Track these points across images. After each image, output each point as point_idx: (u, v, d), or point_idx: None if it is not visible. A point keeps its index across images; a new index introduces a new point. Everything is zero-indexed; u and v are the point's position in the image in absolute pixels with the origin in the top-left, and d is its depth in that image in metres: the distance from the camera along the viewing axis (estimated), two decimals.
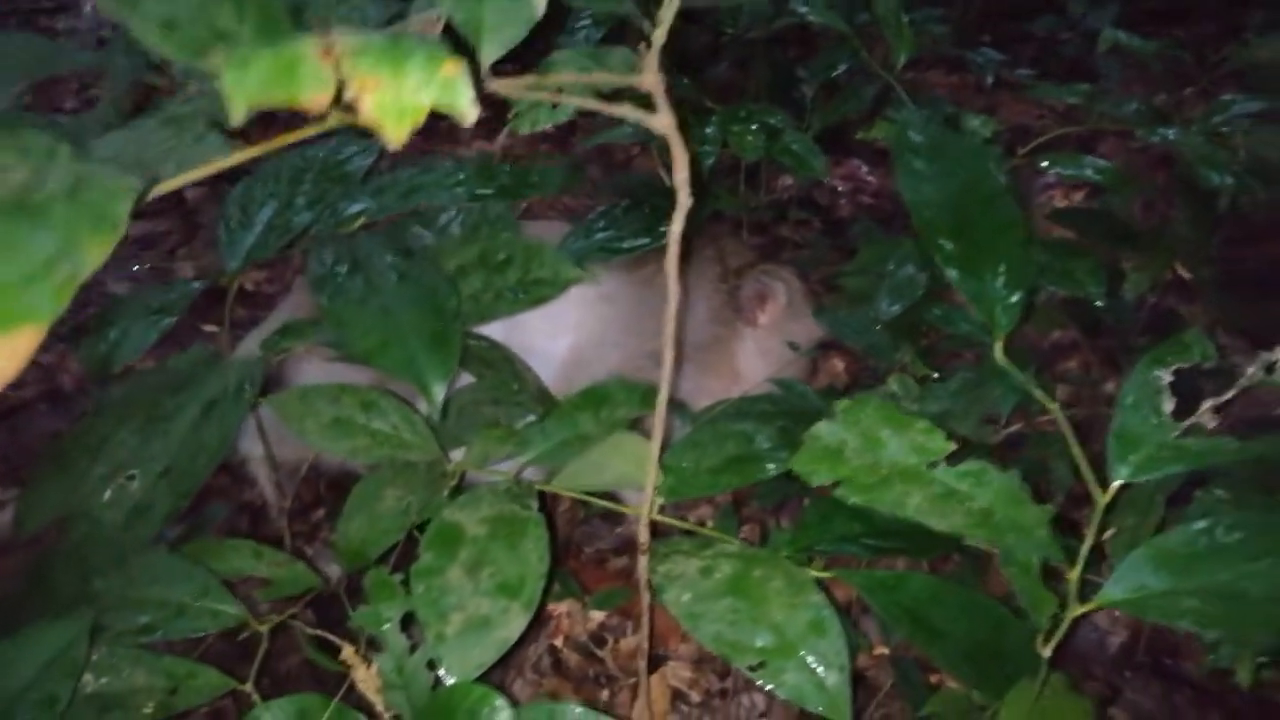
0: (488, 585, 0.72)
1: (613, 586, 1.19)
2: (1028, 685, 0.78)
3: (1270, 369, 0.71)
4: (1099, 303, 1.13)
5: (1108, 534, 0.69)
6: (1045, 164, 1.23)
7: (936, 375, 1.13)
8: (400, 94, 0.30)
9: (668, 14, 0.56)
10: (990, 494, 0.66)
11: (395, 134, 0.30)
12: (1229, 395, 0.70)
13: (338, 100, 0.30)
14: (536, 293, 0.91)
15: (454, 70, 0.30)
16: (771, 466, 0.89)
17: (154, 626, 0.73)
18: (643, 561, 0.80)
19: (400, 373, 0.76)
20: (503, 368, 1.08)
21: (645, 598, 0.83)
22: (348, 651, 0.70)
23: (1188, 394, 0.73)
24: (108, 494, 0.80)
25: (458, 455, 0.95)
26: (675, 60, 1.58)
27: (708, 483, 0.87)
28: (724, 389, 1.37)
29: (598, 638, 1.15)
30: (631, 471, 0.81)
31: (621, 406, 0.92)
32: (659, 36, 0.56)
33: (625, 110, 0.60)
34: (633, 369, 1.27)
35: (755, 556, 0.80)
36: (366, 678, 0.69)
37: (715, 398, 1.36)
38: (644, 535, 0.80)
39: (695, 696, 1.10)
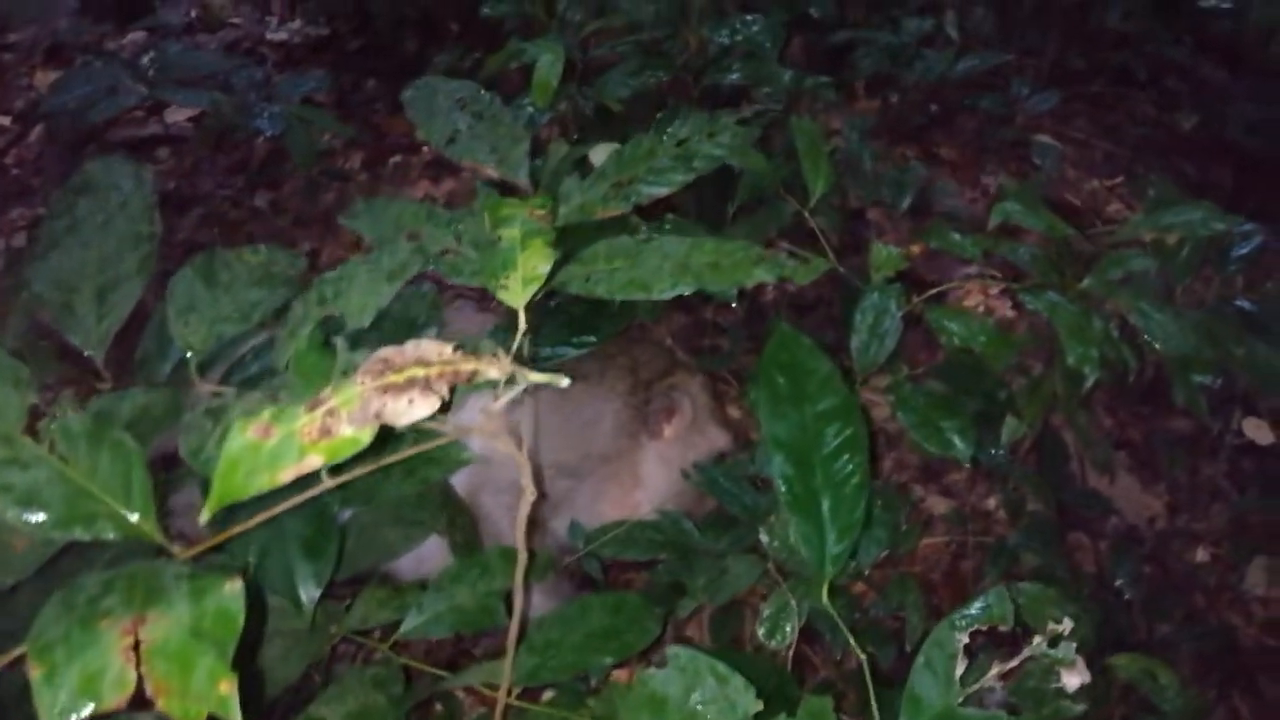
0: None
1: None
2: None
3: (1054, 642, 0.80)
4: (963, 461, 1.21)
5: None
6: (934, 320, 1.30)
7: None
8: (187, 700, 0.37)
9: (508, 394, 0.62)
10: None
11: None
12: (1013, 664, 0.79)
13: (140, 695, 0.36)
14: (424, 472, 0.98)
15: (228, 688, 0.38)
16: (634, 642, 0.97)
17: None
18: None
19: (278, 584, 0.82)
20: None
21: None
22: None
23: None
24: None
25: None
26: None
27: (572, 661, 0.95)
28: (625, 496, 1.45)
29: None
30: (488, 675, 0.89)
31: (499, 577, 0.99)
32: (500, 402, 0.62)
33: (477, 433, 0.67)
34: (539, 479, 1.34)
35: None
36: None
37: (616, 505, 1.44)
38: None
39: None
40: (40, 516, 0.47)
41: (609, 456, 1.43)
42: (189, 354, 0.69)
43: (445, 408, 0.70)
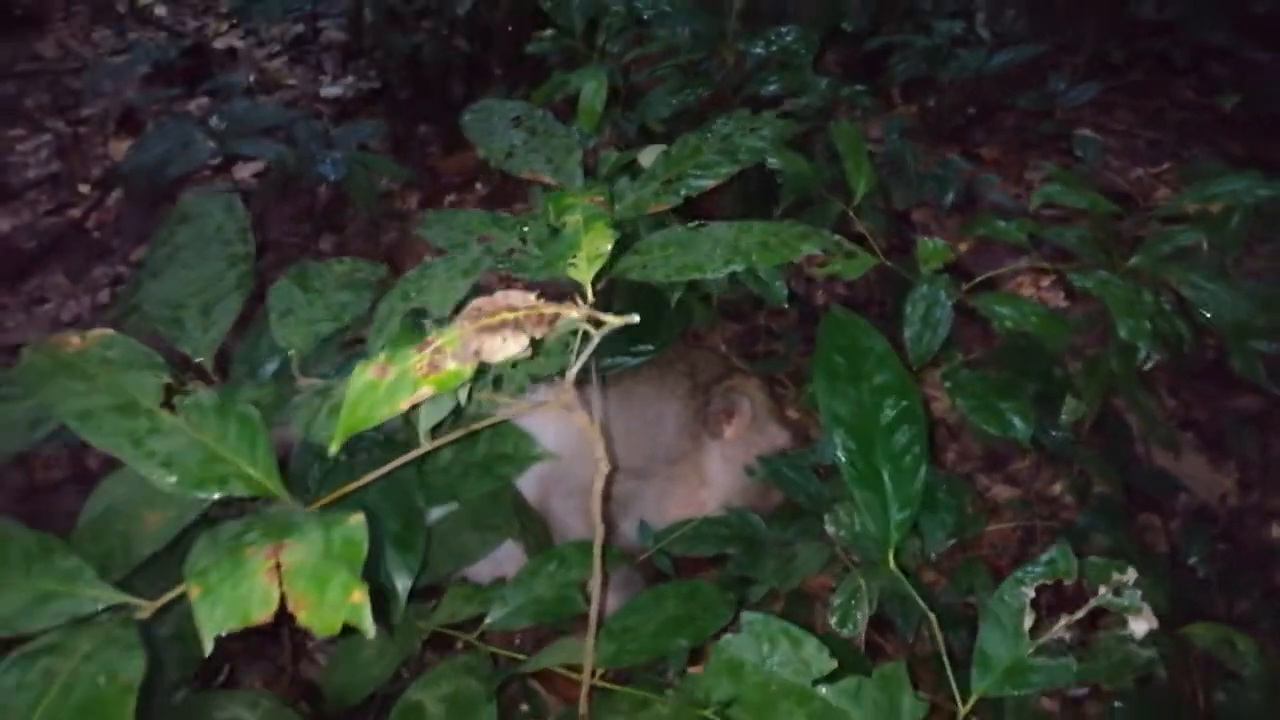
0: None
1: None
2: None
3: (1118, 591, 0.81)
4: (1023, 441, 1.23)
5: None
6: (984, 307, 1.32)
7: None
8: (323, 612, 0.42)
9: (577, 363, 0.67)
10: (863, 708, 0.77)
11: (320, 634, 0.42)
12: (1080, 614, 0.81)
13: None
14: (500, 469, 1.03)
15: (360, 598, 0.43)
16: (707, 626, 1.01)
17: None
18: None
19: (371, 574, 0.87)
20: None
21: None
22: None
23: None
24: None
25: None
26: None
27: (649, 646, 0.98)
28: (691, 496, 1.49)
29: None
30: (572, 658, 0.93)
31: (575, 568, 1.04)
32: (572, 371, 0.67)
33: (551, 407, 0.72)
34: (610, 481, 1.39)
35: (684, 711, 0.92)
36: None
37: (683, 504, 1.48)
38: (583, 707, 0.92)
39: None
40: (178, 478, 0.53)
41: (673, 457, 1.47)
42: (290, 352, 0.76)
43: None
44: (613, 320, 0.57)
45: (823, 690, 0.77)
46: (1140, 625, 0.78)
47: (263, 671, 1.34)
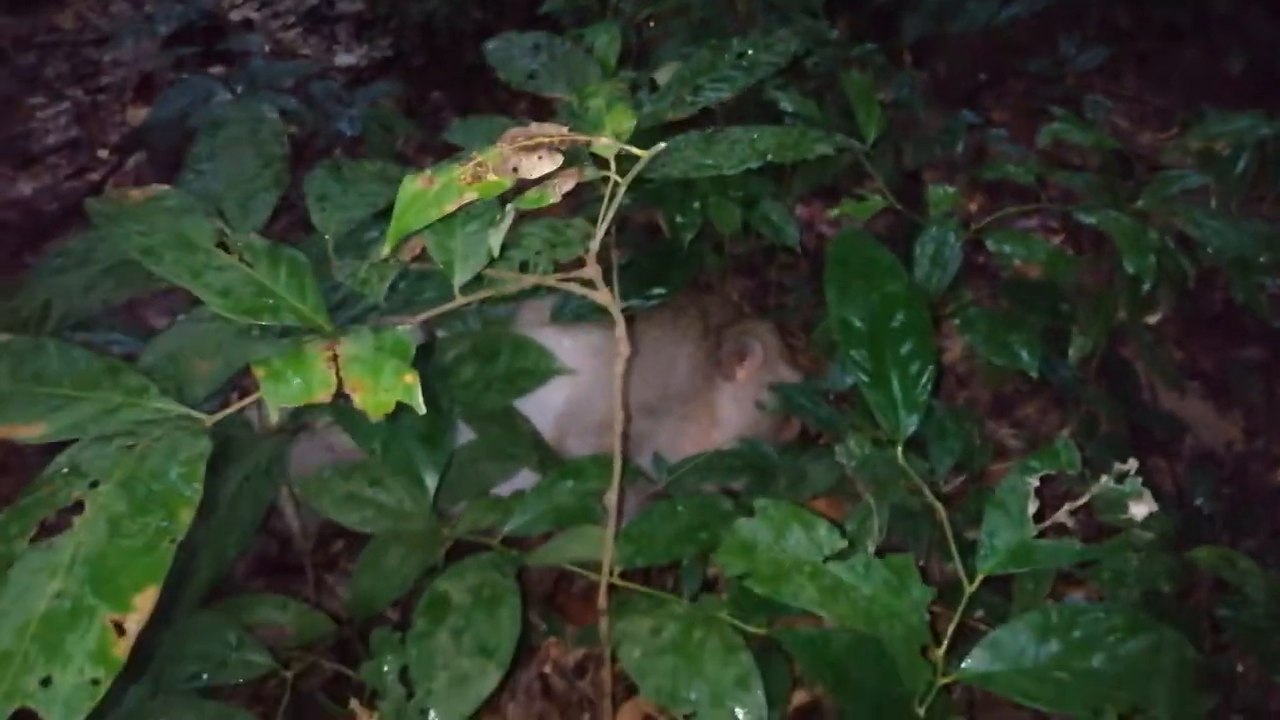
0: (469, 647, 0.88)
1: (593, 624, 1.34)
2: None
3: (1120, 479, 0.84)
4: (1031, 373, 1.26)
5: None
6: (993, 243, 1.35)
7: (883, 439, 1.26)
8: (378, 394, 0.45)
9: (602, 224, 0.70)
10: (873, 584, 0.80)
11: (374, 416, 0.46)
12: (1082, 500, 0.84)
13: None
14: (520, 383, 1.06)
15: (412, 380, 0.46)
16: (721, 535, 1.03)
17: (200, 675, 0.89)
18: (602, 622, 0.96)
19: (399, 467, 0.91)
20: (502, 421, 1.24)
21: (605, 651, 0.98)
22: (354, 704, 0.86)
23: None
24: None
25: (460, 507, 1.12)
26: (665, 127, 1.72)
27: (663, 551, 1.02)
28: (703, 435, 1.52)
29: (580, 667, 1.31)
30: (590, 552, 0.96)
31: (593, 479, 1.07)
32: (596, 241, 0.70)
33: (573, 286, 0.75)
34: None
35: (697, 617, 0.95)
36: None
37: (696, 443, 1.51)
38: (602, 601, 0.95)
39: None
40: (233, 306, 0.57)
41: (686, 396, 1.50)
42: (326, 236, 0.79)
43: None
44: (641, 152, 0.59)
45: (833, 567, 0.80)
46: (1140, 508, 0.81)
47: None
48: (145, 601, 0.40)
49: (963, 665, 0.80)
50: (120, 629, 0.39)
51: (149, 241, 0.60)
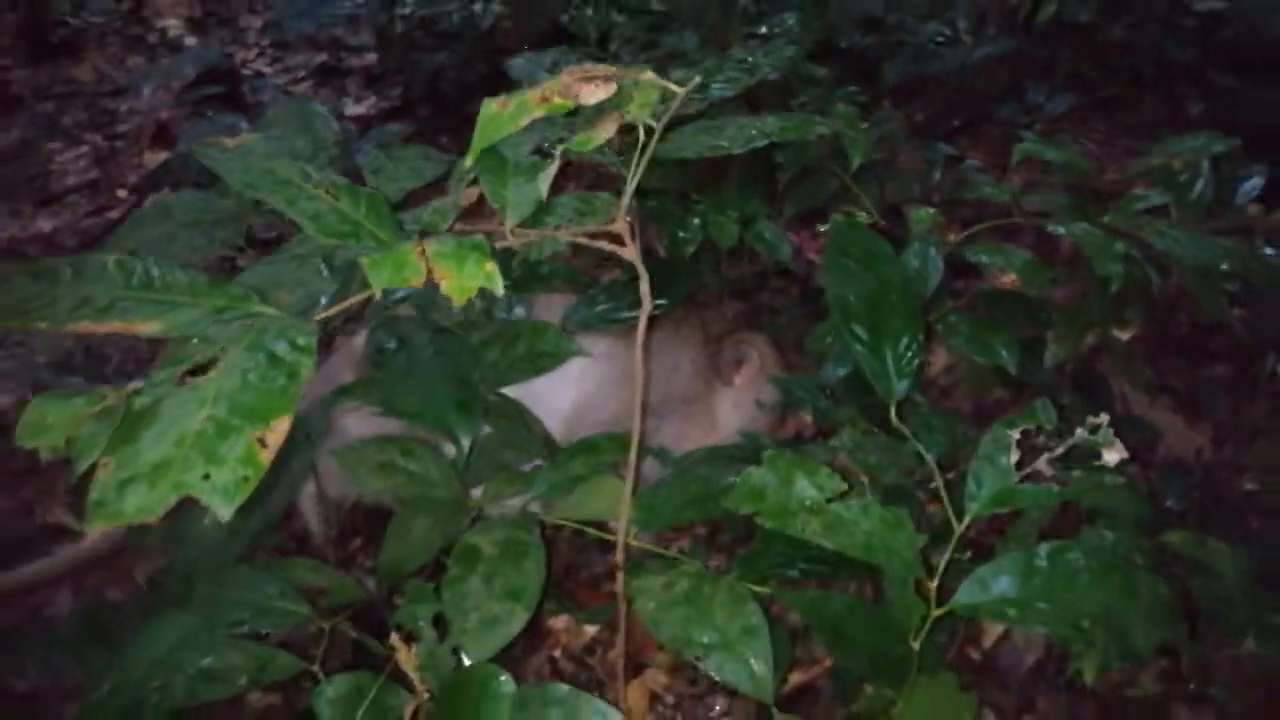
0: (499, 592, 0.95)
1: (603, 605, 1.41)
2: (925, 682, 0.99)
3: (1094, 430, 0.93)
4: (1011, 370, 1.35)
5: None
6: (972, 254, 1.46)
7: (874, 430, 1.35)
8: (462, 280, 0.54)
9: (632, 180, 0.80)
10: (871, 523, 0.88)
11: (459, 300, 0.55)
12: (1060, 450, 0.92)
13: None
14: (540, 363, 1.15)
15: (492, 268, 0.55)
16: (725, 504, 1.11)
17: (243, 622, 0.96)
18: (619, 576, 1.03)
19: (435, 429, 0.99)
20: (516, 419, 1.32)
21: (621, 607, 1.05)
22: (394, 637, 0.93)
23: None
24: (205, 521, 1.03)
25: (478, 491, 1.19)
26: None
27: (673, 516, 1.09)
28: (703, 437, 1.60)
29: (589, 649, 1.37)
30: (609, 508, 1.04)
31: (607, 454, 1.15)
32: (628, 194, 0.79)
33: (602, 244, 0.84)
34: (626, 419, 1.50)
35: (706, 576, 1.03)
36: (407, 658, 0.91)
37: (697, 443, 1.59)
38: (620, 556, 1.02)
39: (670, 699, 1.32)
40: (322, 227, 0.65)
41: (688, 400, 1.59)
42: None
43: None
44: (677, 89, 0.68)
45: (835, 507, 0.88)
46: (1112, 455, 0.90)
47: None
48: (281, 425, 0.47)
49: (954, 599, 0.88)
50: (262, 443, 0.46)
51: (249, 178, 0.69)
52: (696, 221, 1.58)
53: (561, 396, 1.58)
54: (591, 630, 1.40)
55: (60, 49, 3.38)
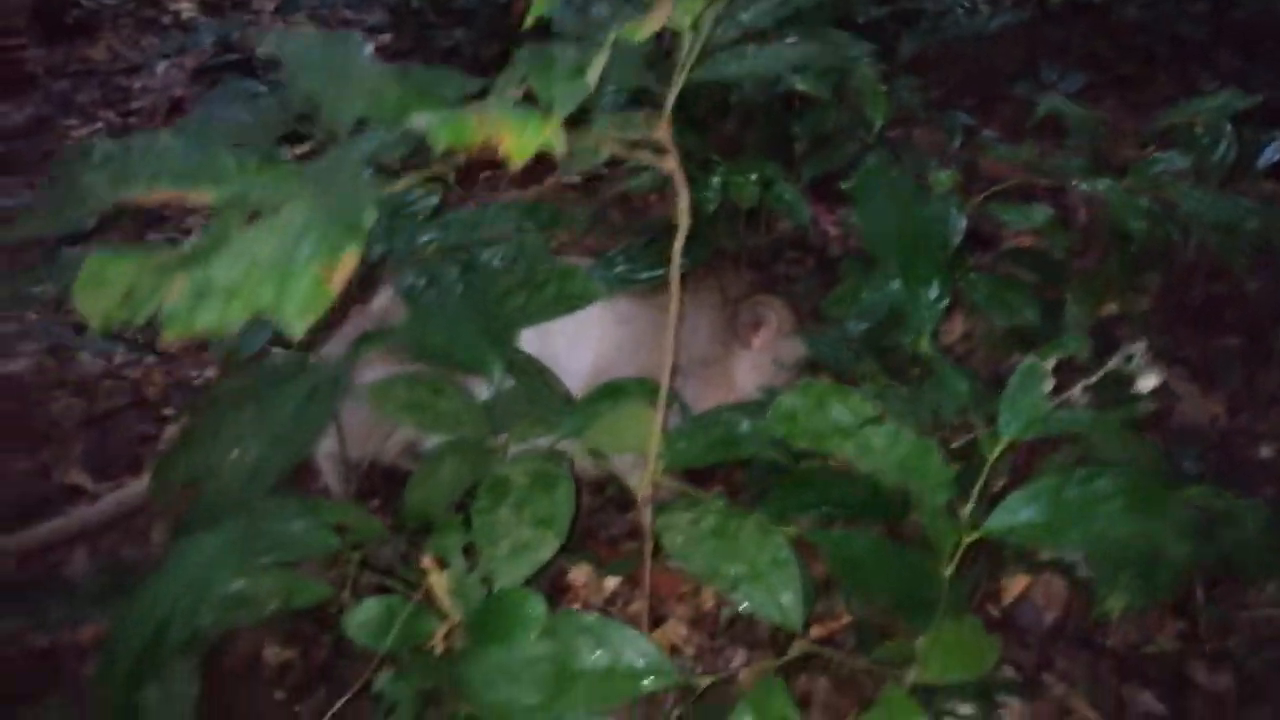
0: (529, 519, 0.95)
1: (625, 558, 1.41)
2: (950, 624, 0.99)
3: (1129, 359, 0.93)
4: (1034, 324, 1.35)
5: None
6: (992, 210, 1.46)
7: (896, 384, 1.35)
8: (522, 140, 0.54)
9: (674, 88, 0.80)
10: (904, 449, 0.88)
11: (519, 160, 0.55)
12: (1095, 379, 0.92)
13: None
14: (568, 304, 1.15)
15: (555, 126, 0.55)
16: (751, 447, 1.11)
17: (272, 550, 0.96)
18: (646, 512, 1.03)
19: (468, 360, 0.99)
20: (537, 377, 1.32)
21: (648, 546, 1.05)
22: (427, 559, 0.93)
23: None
24: (231, 457, 1.03)
25: (503, 438, 1.19)
26: (686, 120, 1.84)
27: (700, 456, 1.09)
28: (722, 398, 1.60)
29: (609, 602, 1.37)
30: (639, 440, 1.04)
31: (633, 397, 1.15)
32: (669, 102, 0.80)
33: (644, 154, 0.84)
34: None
35: (733, 512, 1.03)
36: (439, 580, 0.91)
37: (715, 405, 1.60)
38: (647, 489, 1.02)
39: (690, 650, 1.32)
40: (377, 108, 0.66)
41: (706, 362, 1.59)
42: None
43: None
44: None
45: (868, 431, 0.89)
46: (1148, 381, 0.90)
47: None
48: (350, 259, 0.47)
49: (986, 524, 0.88)
50: (330, 274, 0.47)
51: (311, 58, 0.70)
52: (717, 181, 1.58)
53: (580, 359, 1.58)
54: (612, 584, 1.40)
55: (74, 30, 3.39)
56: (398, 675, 0.89)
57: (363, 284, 1.91)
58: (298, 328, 0.46)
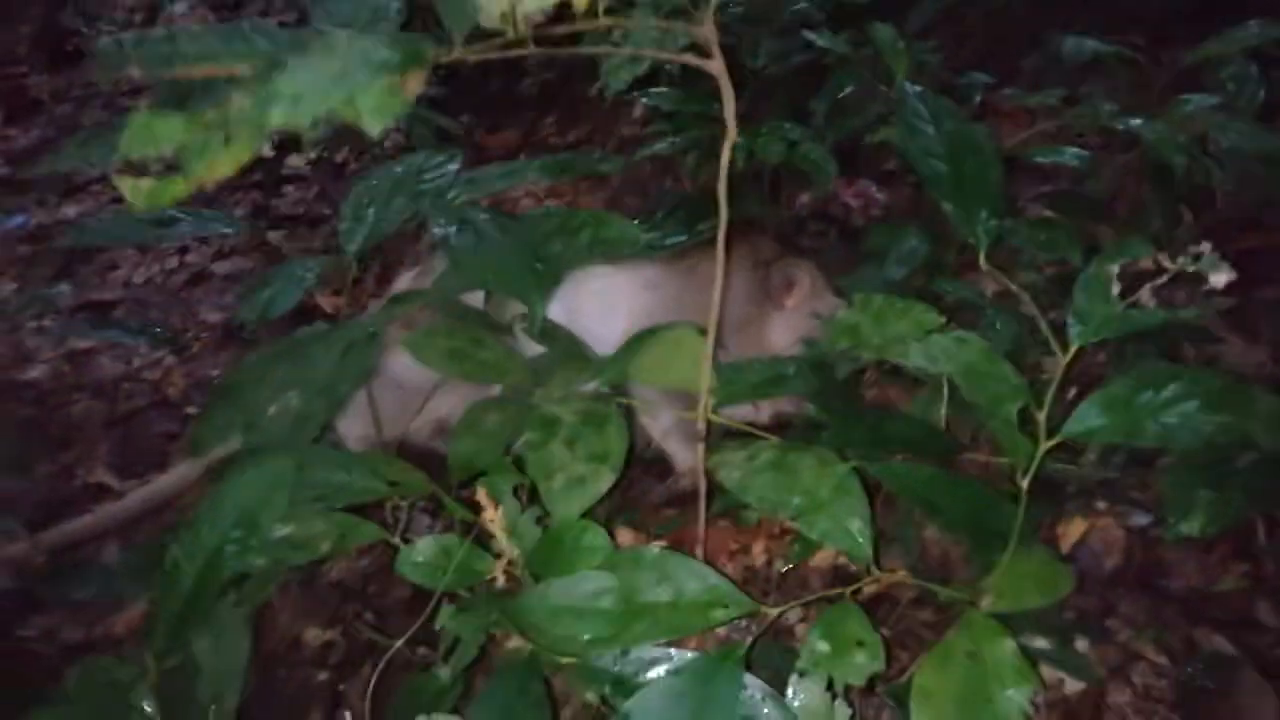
0: (582, 454, 0.92)
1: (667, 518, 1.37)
2: (1019, 552, 0.95)
3: (1196, 258, 0.90)
4: (1078, 264, 1.32)
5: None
6: (1030, 154, 1.44)
7: None
8: None
9: None
10: (972, 354, 0.85)
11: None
12: (1162, 280, 0.89)
13: None
14: (604, 249, 1.12)
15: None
16: (798, 383, 1.08)
17: (324, 497, 0.92)
18: (699, 448, 0.99)
19: (511, 293, 0.96)
20: (569, 343, 1.29)
21: (702, 483, 1.01)
22: (481, 494, 0.89)
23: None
24: (273, 409, 1.00)
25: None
26: (705, 91, 1.82)
27: (749, 393, 1.06)
28: None
29: None
30: (689, 374, 1.00)
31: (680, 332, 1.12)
32: (712, 5, 0.77)
33: (688, 58, 0.82)
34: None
35: (790, 447, 0.99)
36: (495, 518, 0.87)
37: None
38: (701, 428, 0.99)
39: None
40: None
41: (740, 323, 1.55)
42: None
43: None
44: None
45: (934, 338, 0.85)
46: (1220, 277, 0.86)
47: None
48: (417, 76, 0.45)
49: (1064, 428, 0.84)
50: (405, 83, 0.44)
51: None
52: (741, 139, 1.56)
53: (611, 327, 1.55)
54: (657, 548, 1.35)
55: (76, 56, 3.40)
56: (459, 609, 0.85)
57: (388, 266, 1.90)
58: (375, 127, 0.43)
